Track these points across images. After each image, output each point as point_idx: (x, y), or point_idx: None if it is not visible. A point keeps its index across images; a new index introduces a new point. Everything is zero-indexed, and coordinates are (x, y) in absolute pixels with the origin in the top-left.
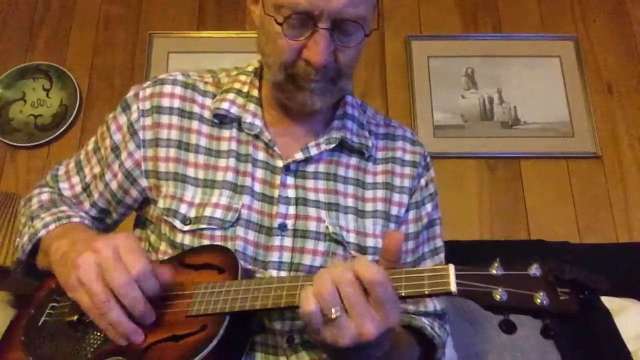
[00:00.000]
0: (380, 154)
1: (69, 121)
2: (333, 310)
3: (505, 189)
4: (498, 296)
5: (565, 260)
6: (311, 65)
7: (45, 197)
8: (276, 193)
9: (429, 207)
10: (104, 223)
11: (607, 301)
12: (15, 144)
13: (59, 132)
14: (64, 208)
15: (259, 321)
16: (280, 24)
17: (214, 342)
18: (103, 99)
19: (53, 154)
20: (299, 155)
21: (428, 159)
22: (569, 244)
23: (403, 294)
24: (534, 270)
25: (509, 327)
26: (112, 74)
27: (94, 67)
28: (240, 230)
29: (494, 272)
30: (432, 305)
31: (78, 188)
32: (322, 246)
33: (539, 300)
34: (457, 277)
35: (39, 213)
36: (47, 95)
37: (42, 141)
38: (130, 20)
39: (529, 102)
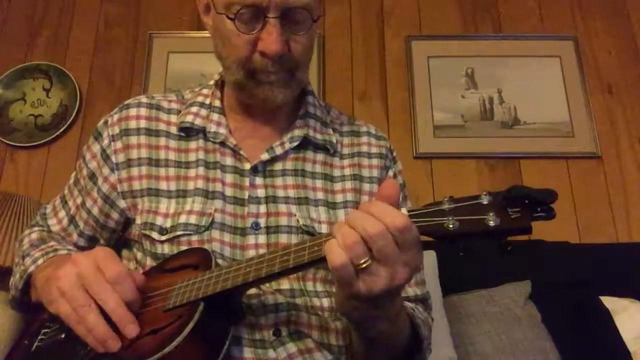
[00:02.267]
0: (346, 150)
1: (69, 121)
2: (362, 261)
3: None
4: (450, 226)
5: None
6: (267, 57)
7: (34, 235)
8: (246, 194)
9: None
10: None
11: (607, 301)
12: (15, 144)
13: (59, 132)
14: (52, 243)
15: (243, 312)
16: (233, 19)
17: (189, 326)
18: (103, 99)
19: (53, 154)
20: (265, 156)
21: (394, 153)
22: (569, 244)
23: None
24: (484, 198)
25: (466, 252)
26: (112, 74)
27: (94, 67)
28: (215, 233)
29: (445, 207)
30: (412, 291)
31: (65, 221)
32: (295, 239)
33: (491, 222)
34: (410, 217)
35: (29, 251)
36: (47, 95)
37: (42, 141)
38: (130, 20)
39: (529, 102)
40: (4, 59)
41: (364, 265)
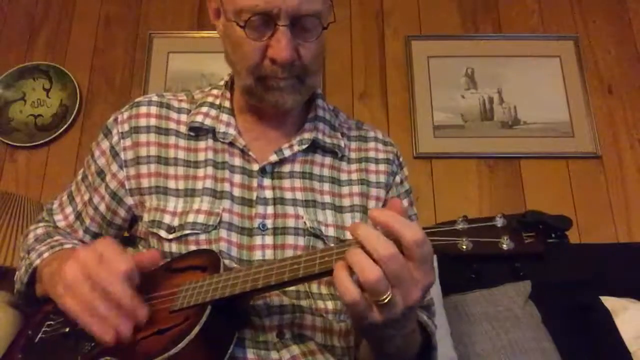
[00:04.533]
0: (353, 155)
1: (69, 121)
2: (383, 297)
3: (505, 189)
4: (464, 246)
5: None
6: (277, 63)
7: (40, 231)
8: (254, 195)
9: (405, 203)
10: None
11: (607, 301)
12: (15, 144)
13: (59, 132)
14: (58, 237)
15: (247, 314)
16: (243, 27)
17: (196, 329)
18: (103, 99)
19: (53, 154)
20: (273, 158)
21: (401, 159)
22: (569, 244)
23: None
24: (499, 221)
25: (478, 275)
26: (112, 73)
27: (94, 67)
28: (223, 233)
29: (459, 227)
30: None
31: (71, 217)
32: (302, 241)
33: (504, 246)
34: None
35: (35, 246)
36: (47, 95)
37: (42, 141)
38: (130, 20)
39: (529, 102)
40: (4, 59)
41: (385, 302)
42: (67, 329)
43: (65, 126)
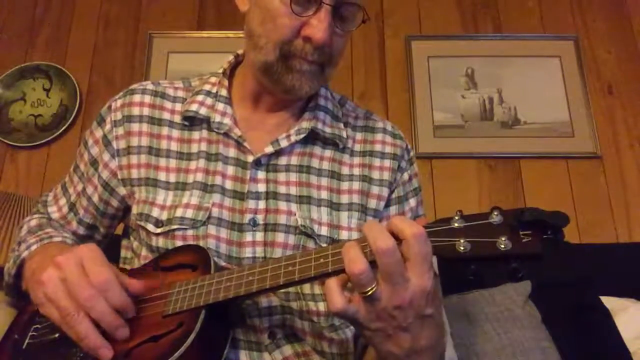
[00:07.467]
0: (357, 147)
1: (69, 121)
2: (368, 289)
3: (505, 189)
4: (462, 247)
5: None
6: (311, 43)
7: (33, 222)
8: (246, 188)
9: (412, 202)
10: (93, 240)
11: (607, 301)
12: (15, 144)
13: (59, 132)
14: (49, 230)
15: (239, 314)
16: None
17: (192, 336)
18: (103, 99)
19: (53, 154)
20: (269, 149)
21: (411, 154)
22: (569, 244)
23: None
24: (495, 218)
25: (477, 276)
26: (112, 74)
27: (94, 67)
28: (212, 229)
29: (456, 225)
30: None
31: (65, 209)
32: (292, 239)
33: (502, 246)
34: None
35: (26, 238)
36: (47, 95)
37: (42, 141)
38: (130, 20)
39: (529, 102)
40: (4, 59)
41: (369, 293)
42: (56, 335)
43: (65, 126)
